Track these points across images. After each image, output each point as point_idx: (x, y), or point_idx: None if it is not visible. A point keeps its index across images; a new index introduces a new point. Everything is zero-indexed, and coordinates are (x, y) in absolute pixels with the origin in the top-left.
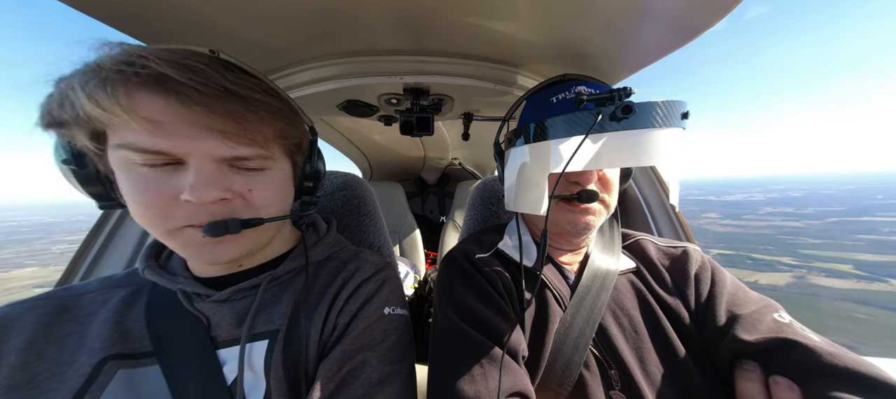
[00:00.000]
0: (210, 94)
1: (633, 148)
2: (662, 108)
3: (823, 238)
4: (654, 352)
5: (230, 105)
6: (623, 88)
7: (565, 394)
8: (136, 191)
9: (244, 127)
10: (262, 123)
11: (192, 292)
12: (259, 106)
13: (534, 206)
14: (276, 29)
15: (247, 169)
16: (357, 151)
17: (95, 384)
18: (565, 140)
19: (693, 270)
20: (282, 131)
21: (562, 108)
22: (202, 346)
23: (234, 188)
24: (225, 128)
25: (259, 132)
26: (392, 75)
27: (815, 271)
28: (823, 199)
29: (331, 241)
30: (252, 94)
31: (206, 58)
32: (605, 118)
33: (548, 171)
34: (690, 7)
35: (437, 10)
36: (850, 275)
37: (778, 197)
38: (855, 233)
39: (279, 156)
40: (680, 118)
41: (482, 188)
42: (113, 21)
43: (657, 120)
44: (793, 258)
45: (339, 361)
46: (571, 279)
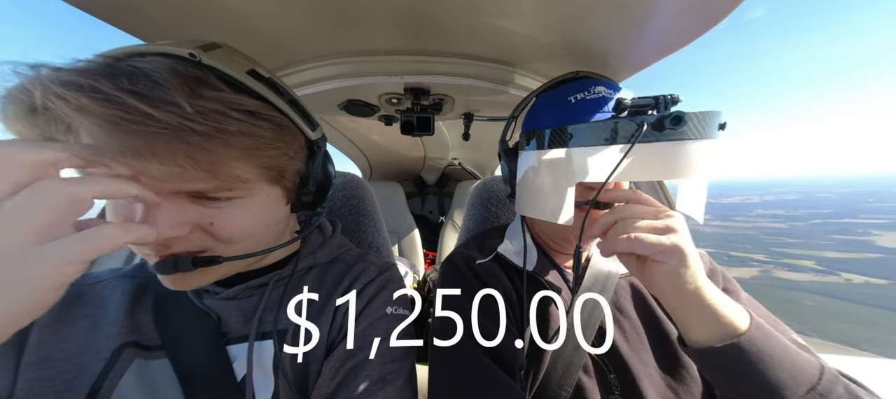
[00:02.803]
0: (153, 132)
1: (671, 161)
2: (700, 119)
3: (801, 238)
4: (654, 355)
5: (175, 145)
6: (668, 95)
7: (565, 397)
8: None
9: (198, 165)
10: (226, 159)
11: (201, 288)
12: (220, 141)
13: (552, 212)
14: (276, 29)
15: (209, 199)
16: (357, 151)
17: (114, 371)
18: (596, 149)
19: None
20: (258, 162)
21: (582, 110)
22: (213, 342)
23: (191, 221)
24: (183, 171)
25: (219, 167)
26: (393, 75)
27: (781, 266)
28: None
29: (337, 242)
30: (214, 123)
31: (172, 71)
32: (649, 127)
33: (574, 180)
34: (694, 5)
35: (439, 9)
36: (810, 269)
37: (773, 200)
38: (831, 233)
39: (258, 182)
40: (716, 129)
41: (482, 188)
42: (112, 19)
43: (696, 131)
44: (765, 255)
45: (341, 360)
46: (572, 282)
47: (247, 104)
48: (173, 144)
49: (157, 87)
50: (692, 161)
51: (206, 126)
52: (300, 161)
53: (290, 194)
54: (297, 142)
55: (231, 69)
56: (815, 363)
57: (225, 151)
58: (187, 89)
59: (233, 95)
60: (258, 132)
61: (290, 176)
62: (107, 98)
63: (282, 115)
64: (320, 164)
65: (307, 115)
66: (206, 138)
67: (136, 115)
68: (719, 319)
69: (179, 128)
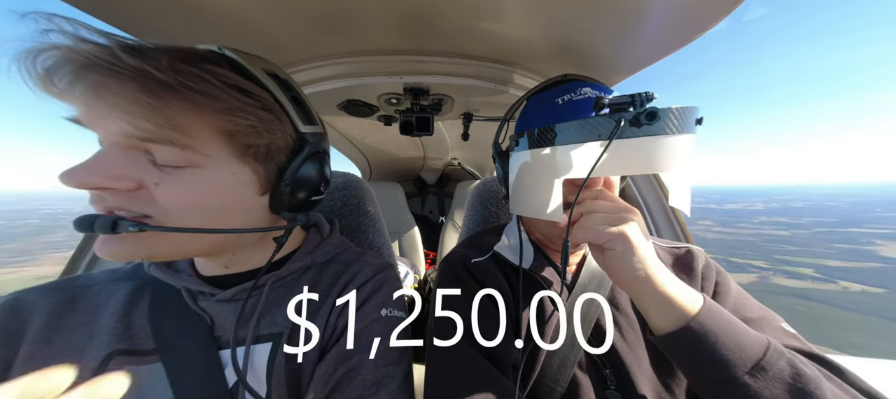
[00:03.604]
0: (111, 72)
1: (649, 155)
2: (680, 115)
3: (802, 245)
4: (649, 351)
5: (143, 83)
6: (644, 93)
7: (560, 392)
8: None
9: (155, 108)
10: (184, 111)
11: (197, 291)
12: (186, 91)
13: (541, 210)
14: (275, 29)
15: (164, 164)
16: (356, 151)
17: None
18: (579, 146)
19: (699, 268)
20: (224, 128)
21: (569, 111)
22: (205, 346)
23: (135, 176)
24: (123, 107)
25: (170, 118)
26: (392, 75)
27: (780, 273)
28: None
29: (335, 242)
30: (184, 79)
31: (181, 48)
32: (626, 124)
33: (560, 177)
34: (692, 5)
35: (438, 9)
36: (808, 276)
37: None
38: (834, 242)
39: (220, 155)
40: (694, 124)
41: (481, 188)
42: (114, 21)
43: (673, 126)
44: (765, 262)
45: (335, 363)
46: (569, 279)
47: (236, 79)
48: (125, 83)
49: (153, 50)
50: (668, 155)
51: (169, 77)
52: (283, 152)
53: (264, 184)
54: (282, 128)
55: (243, 60)
56: (762, 341)
57: (178, 103)
58: (182, 56)
59: (228, 72)
60: (229, 99)
61: (268, 161)
62: (99, 45)
63: (273, 101)
64: (308, 164)
65: (307, 113)
66: (162, 86)
67: (106, 56)
68: (673, 304)
69: (141, 72)
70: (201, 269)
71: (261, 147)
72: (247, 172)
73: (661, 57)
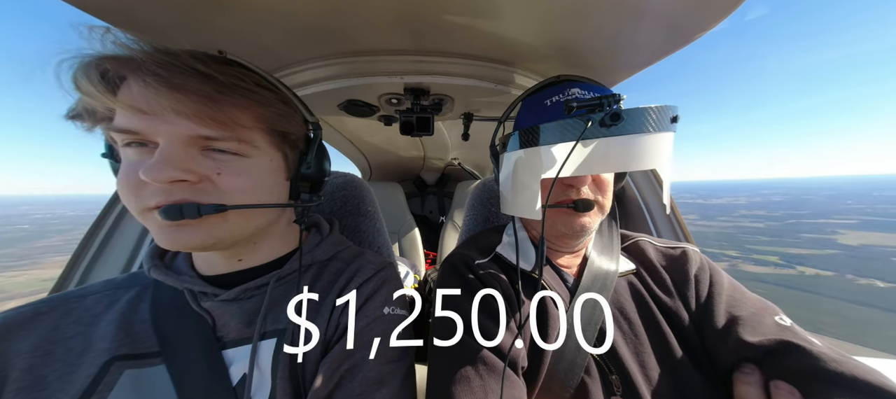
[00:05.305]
0: (181, 77)
1: (624, 153)
2: (653, 114)
3: (773, 236)
4: (654, 355)
5: (200, 86)
6: (613, 95)
7: (567, 398)
8: (120, 171)
9: (214, 108)
10: (237, 107)
11: (199, 291)
12: (237, 91)
13: (525, 209)
14: (276, 29)
15: (220, 152)
16: (356, 151)
17: (102, 384)
18: (556, 146)
19: (692, 271)
20: (264, 119)
21: (554, 112)
22: (208, 347)
23: (200, 170)
24: (193, 109)
25: (231, 116)
26: (392, 75)
27: (749, 261)
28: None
29: (334, 240)
30: (233, 80)
31: (194, 52)
32: (595, 124)
33: (539, 176)
34: (687, 10)
35: (438, 9)
36: (772, 263)
37: (760, 201)
38: (802, 232)
39: (262, 144)
40: (670, 122)
41: (481, 188)
42: (115, 22)
43: (648, 125)
44: (737, 251)
45: (338, 360)
46: (571, 282)
47: (256, 78)
48: (201, 85)
49: (201, 54)
50: (644, 152)
51: (225, 78)
52: (301, 139)
53: (288, 169)
54: (297, 118)
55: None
56: None
57: (234, 99)
58: (216, 59)
59: (247, 71)
60: (269, 96)
61: (291, 148)
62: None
63: (287, 93)
64: (314, 152)
65: (306, 107)
66: (223, 86)
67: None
68: None
69: (207, 76)
70: (204, 270)
71: (289, 134)
72: (279, 158)
73: (662, 57)
